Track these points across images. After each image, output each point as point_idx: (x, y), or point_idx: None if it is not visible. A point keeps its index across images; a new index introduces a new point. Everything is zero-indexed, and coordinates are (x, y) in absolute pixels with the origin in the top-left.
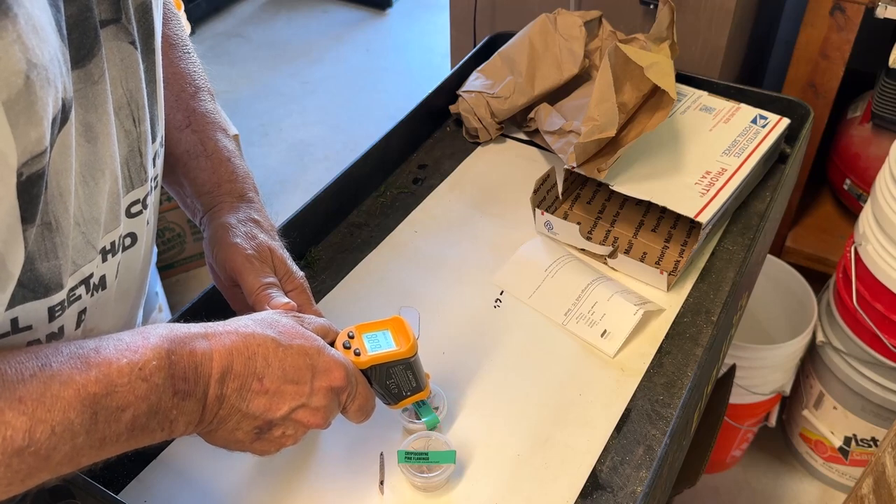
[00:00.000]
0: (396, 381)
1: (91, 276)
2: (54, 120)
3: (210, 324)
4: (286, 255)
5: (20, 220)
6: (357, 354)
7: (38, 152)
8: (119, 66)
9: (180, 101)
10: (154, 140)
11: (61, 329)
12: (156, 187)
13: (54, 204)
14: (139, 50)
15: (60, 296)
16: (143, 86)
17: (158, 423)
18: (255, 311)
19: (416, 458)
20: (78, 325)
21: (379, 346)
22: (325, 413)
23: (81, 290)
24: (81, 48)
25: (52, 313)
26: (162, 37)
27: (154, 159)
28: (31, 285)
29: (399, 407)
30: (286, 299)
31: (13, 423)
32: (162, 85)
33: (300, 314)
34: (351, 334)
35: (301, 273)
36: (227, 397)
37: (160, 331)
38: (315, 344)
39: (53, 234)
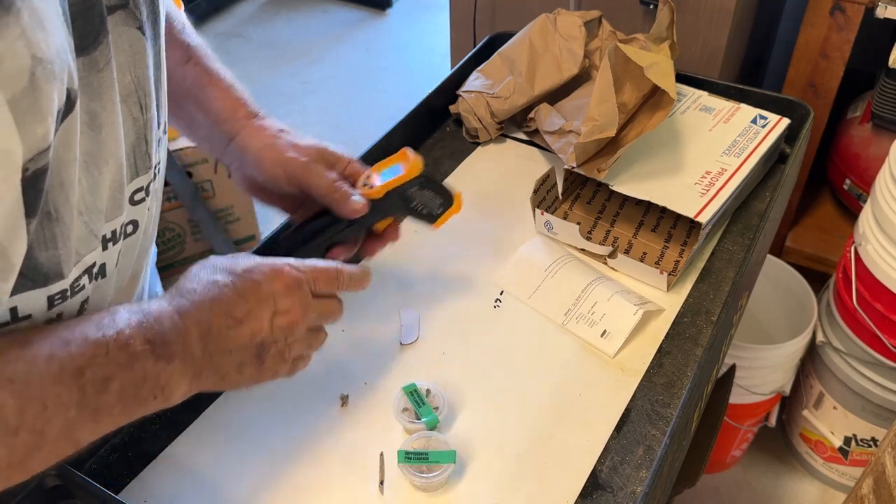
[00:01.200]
0: (422, 202)
1: (93, 264)
2: (58, 112)
3: (158, 297)
4: (326, 143)
5: (24, 215)
6: (372, 188)
7: (44, 148)
8: (127, 52)
9: (173, 37)
10: (159, 126)
11: (60, 317)
12: (159, 173)
13: (54, 194)
14: (147, 35)
15: (61, 285)
16: (151, 72)
17: (150, 391)
18: (334, 207)
19: (416, 458)
20: (79, 314)
21: (389, 177)
22: (300, 309)
23: (84, 280)
24: (87, 36)
25: (51, 302)
26: None
27: (158, 145)
28: (31, 274)
29: (440, 225)
30: (358, 198)
31: (5, 402)
32: (166, 70)
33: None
34: (368, 175)
35: (342, 151)
36: (212, 353)
37: (122, 308)
38: (252, 262)
39: (53, 224)
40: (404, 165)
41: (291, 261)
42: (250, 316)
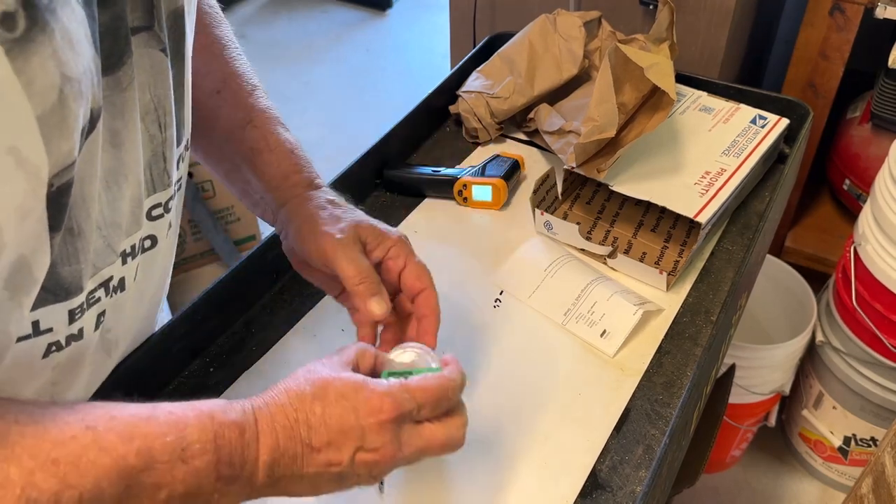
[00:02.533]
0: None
1: (111, 278)
2: (83, 130)
3: (254, 398)
4: (373, 221)
5: (48, 229)
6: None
7: (69, 163)
8: (148, 72)
9: (239, 99)
10: (179, 143)
11: (81, 331)
12: (179, 189)
13: (77, 210)
14: (169, 56)
15: (80, 298)
16: (172, 91)
17: None
18: (354, 301)
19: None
20: (97, 327)
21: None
22: (392, 447)
23: (101, 293)
24: (111, 56)
25: (72, 316)
26: (214, 38)
27: (179, 162)
28: (53, 289)
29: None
30: (378, 304)
31: (41, 485)
32: (190, 88)
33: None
34: (465, 185)
35: (396, 231)
36: (278, 479)
37: (213, 406)
38: (351, 383)
39: (75, 239)
40: (494, 195)
41: (395, 386)
42: (329, 447)
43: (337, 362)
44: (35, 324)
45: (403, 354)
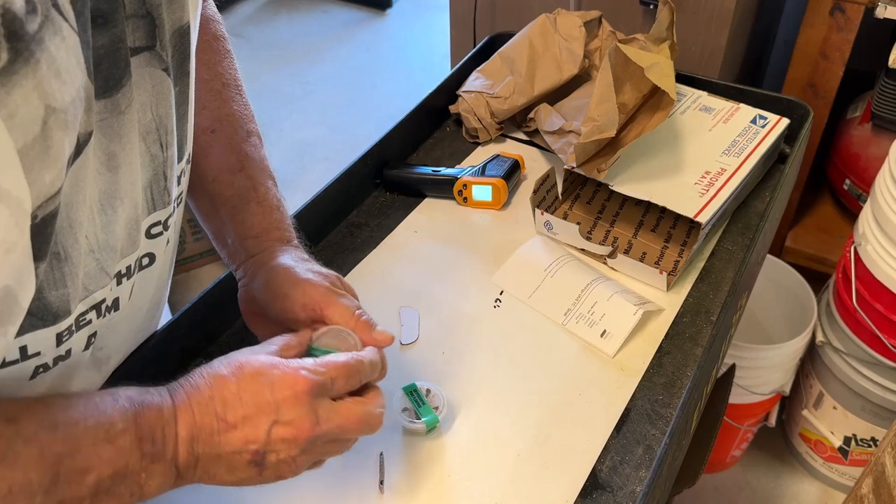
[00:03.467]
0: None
1: (104, 300)
2: (69, 159)
3: (172, 383)
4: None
5: (32, 259)
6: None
7: (52, 194)
8: (150, 92)
9: (233, 143)
10: (181, 160)
11: (69, 352)
12: (179, 204)
13: (63, 235)
14: (171, 75)
15: (68, 321)
16: (173, 110)
17: (127, 488)
18: (359, 333)
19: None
20: (87, 347)
21: (480, 196)
22: (308, 421)
23: (92, 315)
24: (110, 79)
25: (59, 339)
26: (216, 75)
27: (180, 178)
28: (40, 314)
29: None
30: (384, 334)
31: None
32: (193, 105)
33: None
34: (465, 185)
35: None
36: (200, 455)
37: (129, 392)
38: (267, 362)
39: (62, 264)
40: (494, 195)
41: (308, 362)
42: (245, 422)
43: (257, 350)
44: (22, 349)
45: (325, 336)
